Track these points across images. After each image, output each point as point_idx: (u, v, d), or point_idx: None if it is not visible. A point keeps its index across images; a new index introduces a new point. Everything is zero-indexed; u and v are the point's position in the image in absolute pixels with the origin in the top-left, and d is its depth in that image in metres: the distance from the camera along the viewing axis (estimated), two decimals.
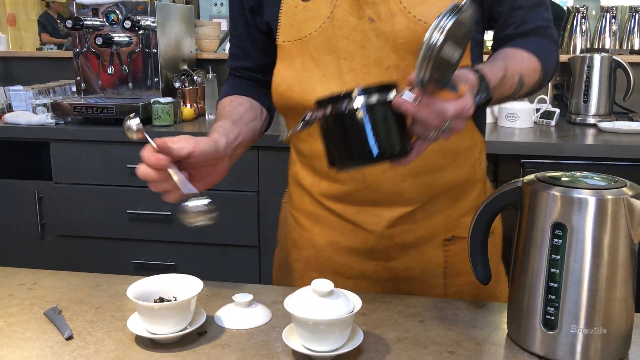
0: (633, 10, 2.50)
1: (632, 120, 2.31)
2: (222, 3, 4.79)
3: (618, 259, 0.78)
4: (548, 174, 0.87)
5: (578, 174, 0.88)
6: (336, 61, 0.97)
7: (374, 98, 0.75)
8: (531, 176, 0.86)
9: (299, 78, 0.99)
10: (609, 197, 0.78)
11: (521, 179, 0.87)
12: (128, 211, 2.24)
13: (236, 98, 1.08)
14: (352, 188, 1.02)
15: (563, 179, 0.84)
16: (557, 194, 0.79)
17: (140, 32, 2.35)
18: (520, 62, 0.96)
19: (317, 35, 0.97)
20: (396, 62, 0.94)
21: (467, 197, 1.08)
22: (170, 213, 2.22)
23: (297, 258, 1.14)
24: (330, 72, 0.97)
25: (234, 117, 1.02)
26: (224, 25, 4.56)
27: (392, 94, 0.76)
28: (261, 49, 1.09)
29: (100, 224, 2.28)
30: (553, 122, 2.27)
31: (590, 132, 2.20)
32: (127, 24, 2.26)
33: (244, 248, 2.22)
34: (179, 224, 2.21)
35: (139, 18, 2.33)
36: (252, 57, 1.11)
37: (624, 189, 0.80)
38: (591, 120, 2.29)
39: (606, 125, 2.17)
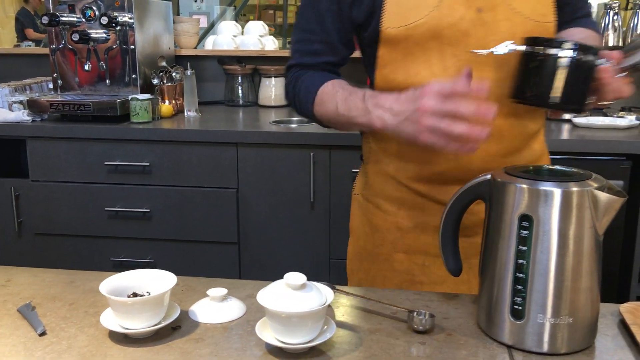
0: (607, 7, 2.54)
1: (605, 115, 2.34)
2: (202, 0, 4.77)
3: (583, 249, 0.80)
4: (517, 167, 0.89)
5: (546, 167, 0.89)
6: (440, 47, 1.03)
7: (590, 57, 0.92)
8: (500, 169, 0.88)
9: (403, 62, 1.05)
10: (574, 189, 0.79)
11: (490, 172, 0.88)
12: (106, 209, 2.23)
13: (338, 81, 1.11)
14: (444, 168, 1.09)
15: (530, 171, 0.86)
16: (524, 186, 0.81)
17: (117, 28, 2.34)
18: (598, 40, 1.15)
19: (423, 22, 1.02)
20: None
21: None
22: (149, 210, 2.21)
23: (381, 243, 1.19)
24: (434, 56, 1.03)
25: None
26: (203, 22, 4.54)
27: (601, 60, 0.93)
28: (346, 43, 1.14)
29: (78, 221, 2.27)
30: None
31: (566, 127, 2.23)
32: (104, 20, 2.24)
33: (223, 244, 2.22)
34: (158, 220, 2.21)
35: (116, 14, 2.31)
36: (337, 52, 1.15)
37: (589, 180, 0.82)
38: (567, 116, 2.32)
39: (581, 120, 2.21)
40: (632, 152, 1.96)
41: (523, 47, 0.94)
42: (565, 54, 0.91)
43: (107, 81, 2.42)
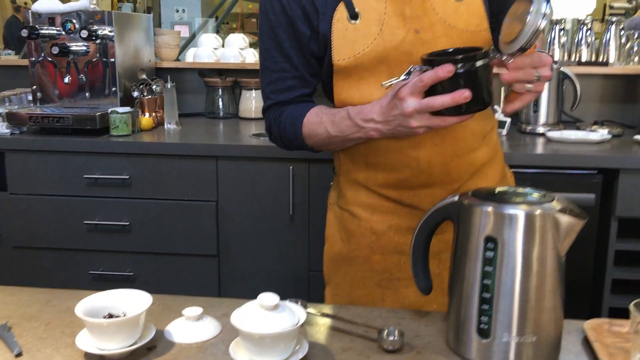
0: (581, 23, 2.60)
1: (578, 129, 2.39)
2: (183, 10, 4.78)
3: (546, 270, 0.83)
4: (484, 189, 0.92)
5: (512, 189, 0.92)
6: (388, 69, 1.12)
7: (483, 61, 0.97)
8: (467, 192, 0.91)
9: (357, 87, 1.15)
10: (537, 212, 0.82)
11: (457, 194, 0.91)
12: (85, 222, 2.23)
13: (317, 108, 1.20)
14: (408, 174, 1.19)
15: (496, 194, 0.89)
16: (489, 209, 0.84)
17: (97, 41, 2.34)
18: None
19: (369, 50, 1.12)
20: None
21: (494, 173, 1.29)
22: (128, 223, 2.22)
23: (357, 247, 1.28)
24: (384, 78, 1.09)
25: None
26: (185, 32, 4.55)
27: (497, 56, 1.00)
28: (313, 74, 1.22)
29: (57, 234, 2.26)
30: (504, 132, 2.35)
31: (540, 141, 2.28)
32: (84, 33, 2.25)
33: (203, 257, 2.23)
34: (137, 234, 2.22)
35: (97, 27, 2.32)
36: (309, 84, 1.23)
37: (552, 203, 0.85)
38: (541, 130, 2.37)
39: (554, 134, 2.25)
40: (603, 167, 2.01)
41: (424, 68, 0.99)
42: (458, 68, 0.95)
43: (87, 94, 2.42)
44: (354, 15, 1.12)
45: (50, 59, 2.40)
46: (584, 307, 2.13)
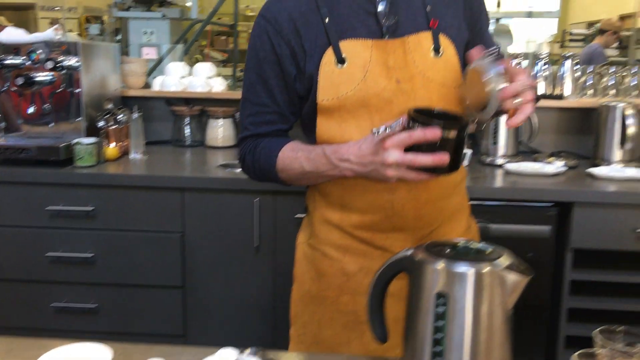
0: (536, 57, 2.70)
1: (535, 160, 2.47)
2: (152, 32, 4.77)
3: (494, 325, 0.88)
4: (438, 243, 0.96)
5: (464, 243, 0.97)
6: (369, 114, 1.20)
7: (465, 131, 1.04)
8: (422, 245, 0.95)
9: (339, 128, 1.22)
10: (486, 270, 0.87)
11: (412, 248, 0.95)
12: (48, 254, 2.21)
13: (293, 144, 1.27)
14: (382, 216, 1.24)
15: (449, 249, 0.93)
16: (440, 267, 0.88)
17: (63, 72, 2.34)
18: None
19: (352, 94, 1.19)
20: None
21: (462, 219, 1.37)
22: (92, 255, 2.21)
23: (327, 287, 1.32)
24: (364, 121, 1.20)
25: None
26: (153, 54, 4.55)
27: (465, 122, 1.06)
28: (294, 112, 1.30)
29: (19, 266, 2.24)
30: (466, 163, 2.41)
31: (499, 172, 2.35)
32: (50, 64, 2.25)
33: (168, 289, 2.23)
34: (102, 265, 2.21)
35: (62, 58, 2.32)
36: (287, 120, 1.31)
37: (500, 259, 0.89)
38: (500, 161, 2.45)
39: (512, 166, 2.33)
40: (558, 200, 2.09)
41: (412, 124, 1.05)
42: (444, 134, 1.02)
43: (52, 124, 2.41)
44: (341, 60, 1.19)
45: (14, 89, 2.38)
46: (542, 336, 2.19)
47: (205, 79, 2.82)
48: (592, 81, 2.72)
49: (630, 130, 2.33)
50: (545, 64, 2.66)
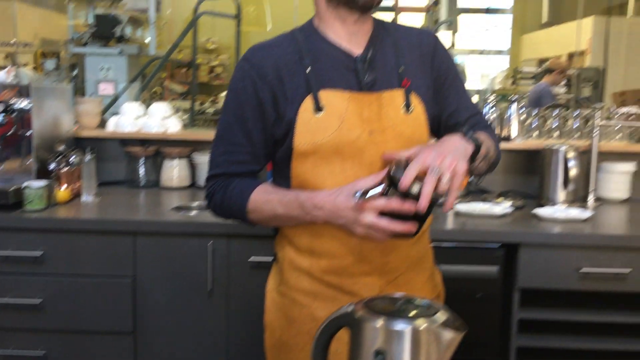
0: (484, 100, 2.80)
1: (485, 200, 2.55)
2: (109, 68, 4.75)
3: None
4: (379, 298, 0.99)
5: (404, 298, 0.99)
6: (341, 161, 1.28)
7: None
8: (362, 301, 0.97)
9: (312, 172, 1.29)
10: (422, 327, 0.90)
11: (353, 304, 0.98)
12: None
13: (265, 186, 1.35)
14: (351, 261, 1.32)
15: (388, 304, 0.96)
16: (379, 325, 0.90)
17: (14, 114, 2.32)
18: (484, 137, 1.35)
19: (327, 141, 1.27)
20: (386, 164, 1.25)
21: (427, 266, 1.46)
22: (40, 301, 2.16)
23: (297, 333, 1.36)
24: (337, 168, 1.28)
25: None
26: (110, 90, 4.52)
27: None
28: (267, 154, 1.37)
29: None
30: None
31: (449, 213, 2.40)
32: (0, 107, 2.23)
33: (119, 335, 2.19)
34: (50, 311, 2.16)
35: (14, 101, 2.30)
36: (260, 162, 1.38)
37: (436, 315, 0.92)
38: None
39: (462, 207, 2.39)
40: (505, 241, 2.15)
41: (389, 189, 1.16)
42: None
43: (2, 166, 2.37)
44: (319, 108, 1.27)
45: None
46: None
47: (161, 119, 2.83)
48: (537, 123, 2.83)
49: (572, 172, 2.43)
50: (492, 107, 2.76)
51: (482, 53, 6.76)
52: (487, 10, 5.66)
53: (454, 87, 1.44)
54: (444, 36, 4.88)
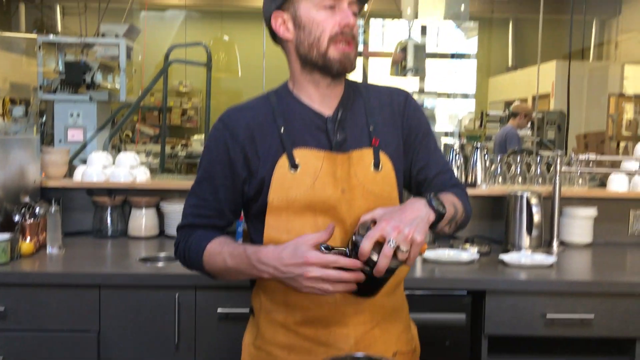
0: (450, 147, 2.86)
1: (452, 247, 2.58)
2: (78, 114, 4.73)
3: None
4: (339, 357, 0.99)
5: (362, 357, 1.00)
6: (314, 217, 1.33)
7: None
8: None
9: (285, 227, 1.33)
10: None
11: None
12: None
13: (222, 238, 1.38)
14: (325, 312, 1.34)
15: None
16: None
17: None
18: (452, 199, 1.39)
19: (301, 197, 1.33)
20: (356, 220, 1.30)
21: (403, 317, 1.49)
22: (1, 358, 2.10)
23: None
24: (309, 224, 1.32)
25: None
26: (79, 136, 4.50)
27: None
28: (234, 211, 1.42)
29: None
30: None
31: (417, 260, 2.42)
32: None
33: None
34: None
35: None
36: (225, 218, 1.42)
37: None
38: None
39: (429, 254, 2.41)
40: (472, 288, 2.17)
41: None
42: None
43: None
44: (294, 165, 1.33)
45: None
46: None
47: (129, 168, 2.82)
48: (501, 169, 2.89)
49: (536, 218, 2.48)
50: (457, 154, 2.82)
51: (449, 97, 6.92)
52: (452, 56, 5.82)
53: (424, 144, 1.49)
54: (412, 82, 4.99)
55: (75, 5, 6.07)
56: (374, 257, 1.16)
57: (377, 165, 1.38)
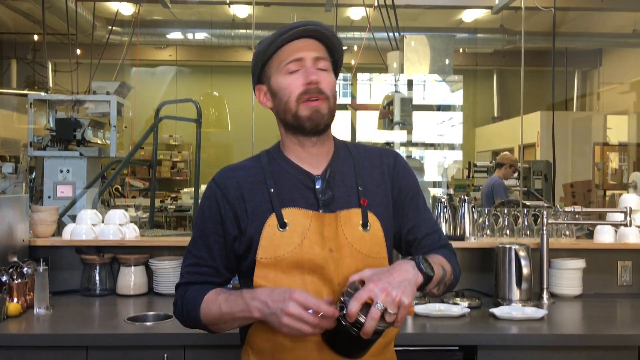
0: (437, 200, 2.89)
1: (442, 301, 2.57)
2: (68, 170, 4.74)
3: None
4: None
5: None
6: (301, 275, 1.34)
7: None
8: None
9: (273, 283, 1.34)
10: None
11: None
12: None
13: (219, 289, 1.41)
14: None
15: None
16: None
17: None
18: (440, 260, 1.41)
19: (288, 255, 1.35)
20: (344, 280, 1.31)
21: None
22: None
23: None
24: (297, 282, 1.33)
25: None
26: (68, 192, 4.49)
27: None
28: (228, 267, 1.45)
29: None
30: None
31: (408, 317, 2.41)
32: None
33: None
34: None
35: None
36: (221, 275, 1.45)
37: None
38: None
39: (420, 308, 2.40)
40: (463, 344, 2.16)
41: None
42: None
43: None
44: (282, 224, 1.36)
45: None
46: None
47: (118, 226, 2.82)
48: (489, 222, 2.92)
49: (525, 271, 2.49)
50: (445, 207, 2.85)
51: (437, 148, 7.01)
52: (439, 108, 5.95)
53: (414, 204, 1.51)
54: (400, 135, 5.07)
55: (66, 62, 6.17)
56: (361, 319, 1.16)
57: (365, 225, 1.40)
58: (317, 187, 1.41)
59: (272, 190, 1.40)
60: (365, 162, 1.48)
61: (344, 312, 1.19)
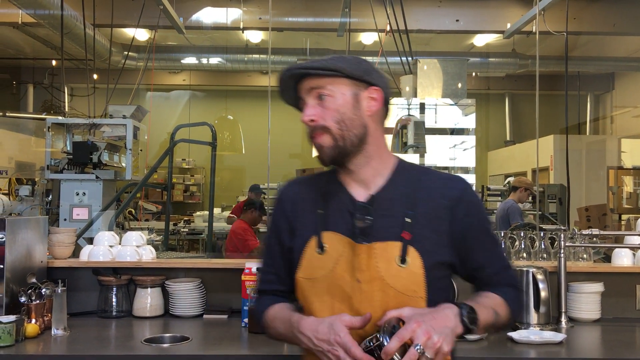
0: None
1: None
2: (84, 193, 4.79)
3: None
4: None
5: None
6: (331, 301, 1.36)
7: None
8: None
9: (308, 302, 1.39)
10: None
11: None
12: None
13: (278, 307, 1.47)
14: None
15: None
16: None
17: None
18: (496, 303, 1.39)
19: (322, 279, 1.37)
20: (374, 314, 1.29)
21: None
22: None
23: None
24: (326, 308, 1.35)
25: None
26: (84, 215, 4.53)
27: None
28: (291, 276, 1.45)
29: None
30: None
31: None
32: None
33: None
34: None
35: None
36: (285, 283, 1.49)
37: None
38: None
39: None
40: None
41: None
42: None
43: None
44: (321, 247, 1.39)
45: None
46: None
47: (135, 247, 2.83)
48: (505, 245, 2.90)
49: (543, 294, 2.47)
50: None
51: (449, 171, 7.01)
52: (452, 132, 5.96)
53: (479, 242, 1.43)
54: (413, 158, 5.08)
55: (83, 86, 6.26)
56: (396, 358, 1.16)
57: (403, 260, 1.33)
58: (357, 214, 1.39)
59: (319, 211, 1.42)
60: (424, 192, 1.40)
61: (377, 346, 1.19)
